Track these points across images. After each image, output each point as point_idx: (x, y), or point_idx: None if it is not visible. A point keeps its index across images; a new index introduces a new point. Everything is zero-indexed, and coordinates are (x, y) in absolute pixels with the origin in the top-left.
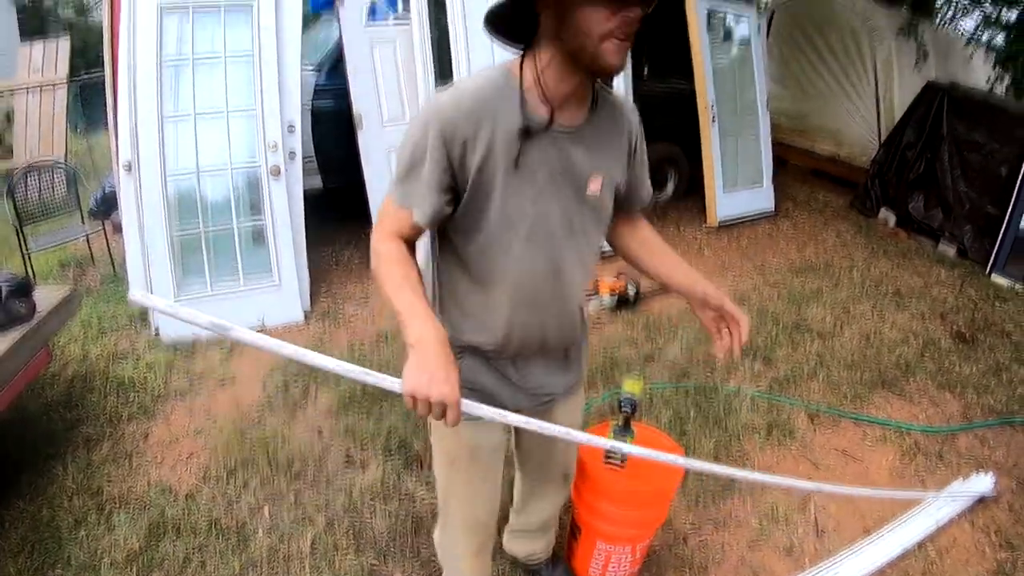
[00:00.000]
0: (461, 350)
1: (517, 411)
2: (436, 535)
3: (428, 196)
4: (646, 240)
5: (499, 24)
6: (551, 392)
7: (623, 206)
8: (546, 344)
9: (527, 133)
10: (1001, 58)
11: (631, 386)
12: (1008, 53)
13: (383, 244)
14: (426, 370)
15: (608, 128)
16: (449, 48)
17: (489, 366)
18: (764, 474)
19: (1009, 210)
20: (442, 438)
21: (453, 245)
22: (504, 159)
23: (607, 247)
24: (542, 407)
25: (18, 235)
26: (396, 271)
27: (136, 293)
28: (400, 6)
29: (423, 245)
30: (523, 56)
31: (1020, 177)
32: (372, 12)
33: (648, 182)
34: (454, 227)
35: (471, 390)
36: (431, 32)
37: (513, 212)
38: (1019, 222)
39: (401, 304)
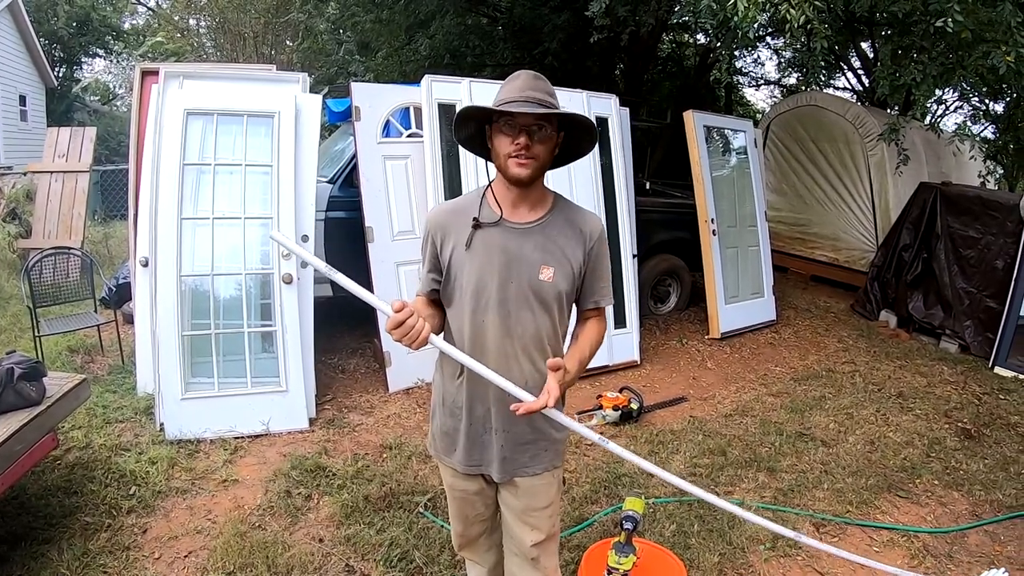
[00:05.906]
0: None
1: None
2: None
3: (424, 275)
4: (577, 335)
5: (472, 145)
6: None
7: (579, 300)
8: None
9: (478, 224)
10: (991, 152)
11: (633, 504)
12: (997, 146)
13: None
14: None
15: (564, 230)
16: (459, 164)
17: (455, 417)
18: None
19: (1008, 301)
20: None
21: (445, 315)
22: (463, 242)
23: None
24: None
25: (31, 316)
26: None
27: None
28: (413, 123)
29: None
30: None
31: (1016, 268)
32: (386, 128)
33: (606, 288)
34: (444, 300)
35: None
36: (442, 149)
37: (468, 282)
38: (1019, 312)
39: None
